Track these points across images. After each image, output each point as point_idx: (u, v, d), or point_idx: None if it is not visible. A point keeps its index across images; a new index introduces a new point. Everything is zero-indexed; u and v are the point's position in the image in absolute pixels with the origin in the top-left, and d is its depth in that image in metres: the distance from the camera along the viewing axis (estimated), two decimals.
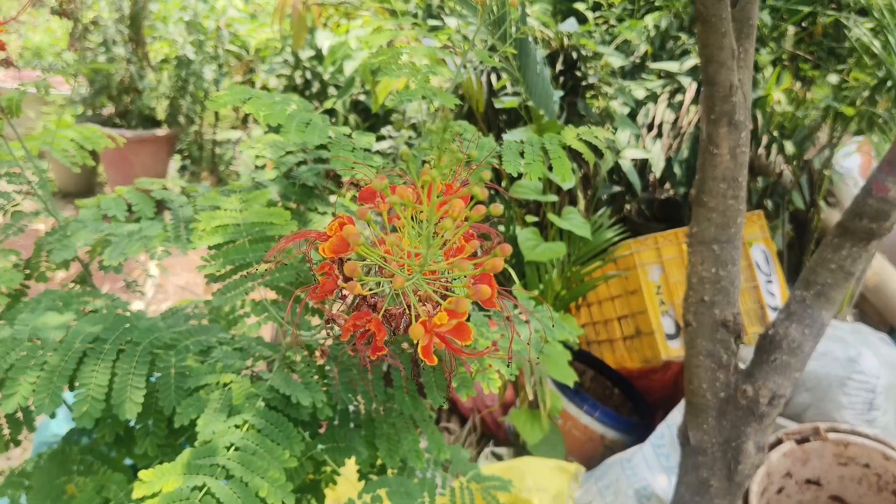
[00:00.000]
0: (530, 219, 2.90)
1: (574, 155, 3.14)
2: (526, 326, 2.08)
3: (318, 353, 1.34)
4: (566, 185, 2.74)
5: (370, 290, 0.64)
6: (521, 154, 1.60)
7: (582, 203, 3.12)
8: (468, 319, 0.63)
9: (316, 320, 1.83)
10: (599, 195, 3.20)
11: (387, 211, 0.65)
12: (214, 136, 5.59)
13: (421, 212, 0.57)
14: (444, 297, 0.65)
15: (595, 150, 3.41)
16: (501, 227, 3.09)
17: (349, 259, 0.67)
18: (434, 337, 0.62)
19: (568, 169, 1.60)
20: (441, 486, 1.33)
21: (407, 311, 0.67)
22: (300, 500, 1.20)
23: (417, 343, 0.61)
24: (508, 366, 1.15)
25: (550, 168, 1.56)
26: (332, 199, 2.37)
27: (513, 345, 1.26)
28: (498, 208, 0.54)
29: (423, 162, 1.24)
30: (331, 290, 0.70)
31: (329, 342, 1.43)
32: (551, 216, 2.73)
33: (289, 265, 1.60)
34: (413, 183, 0.61)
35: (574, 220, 2.83)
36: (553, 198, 2.82)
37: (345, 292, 0.72)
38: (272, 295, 1.74)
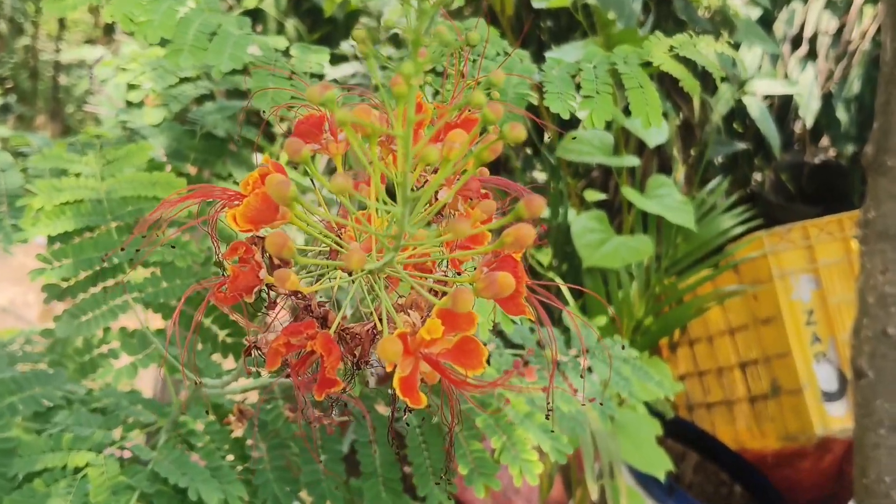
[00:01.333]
0: (593, 196, 2.89)
1: (667, 86, 3.13)
2: (585, 374, 2.10)
3: (233, 417, 1.35)
4: (654, 139, 2.73)
5: (316, 285, 0.64)
6: (577, 84, 1.59)
7: (680, 170, 3.12)
8: (496, 358, 0.63)
9: (231, 363, 1.85)
10: (710, 157, 3.20)
11: (341, 156, 0.65)
12: (58, 54, 5.60)
13: (393, 150, 0.57)
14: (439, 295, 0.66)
15: (703, 77, 3.40)
16: (544, 214, 3.11)
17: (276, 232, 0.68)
18: (421, 362, 0.64)
19: (656, 108, 1.57)
20: None
21: (378, 324, 0.69)
22: None
23: (394, 376, 0.63)
24: (552, 430, 1.15)
25: (627, 111, 1.56)
26: (260, 159, 2.38)
27: (559, 399, 1.27)
28: (517, 130, 0.56)
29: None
30: (248, 288, 0.71)
31: (252, 398, 1.44)
32: (628, 191, 2.75)
33: (184, 268, 1.61)
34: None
35: (667, 199, 2.83)
36: (632, 161, 2.83)
37: (275, 292, 0.73)
38: (157, 320, 1.75)
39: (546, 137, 3.14)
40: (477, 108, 0.56)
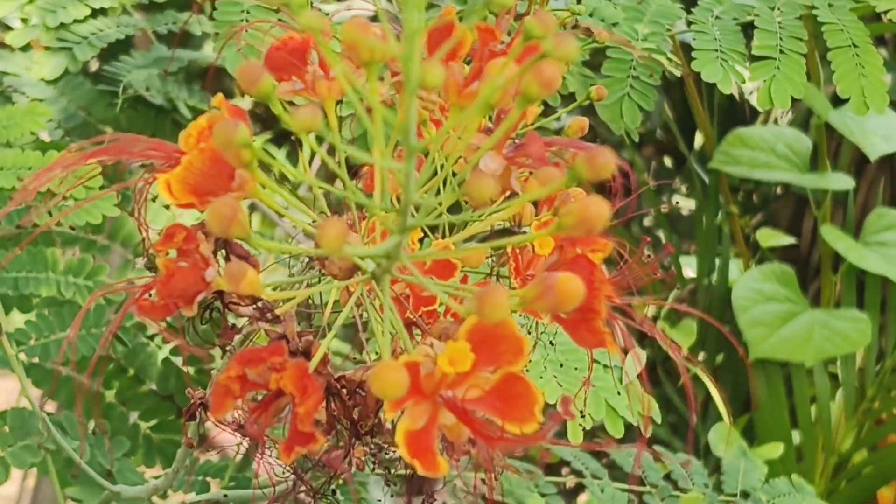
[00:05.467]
0: (772, 239, 2.91)
1: None
2: None
3: None
4: (879, 146, 2.73)
5: (289, 291, 0.73)
6: (748, 34, 1.65)
7: None
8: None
9: (158, 472, 1.94)
10: None
11: (334, 101, 0.74)
12: None
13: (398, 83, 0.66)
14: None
15: None
16: (689, 266, 3.14)
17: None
18: (440, 409, 0.71)
19: (878, 82, 1.63)
20: None
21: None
22: None
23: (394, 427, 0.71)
24: None
25: (836, 98, 1.60)
26: None
27: None
28: (565, 44, 0.63)
29: None
30: (188, 295, 0.79)
31: None
32: (832, 234, 2.80)
33: (90, 309, 1.72)
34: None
35: None
36: (841, 182, 2.86)
37: (232, 309, 0.82)
38: (32, 394, 1.86)
39: (697, 140, 3.22)
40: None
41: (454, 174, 0.80)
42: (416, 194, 0.71)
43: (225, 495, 1.49)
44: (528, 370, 0.83)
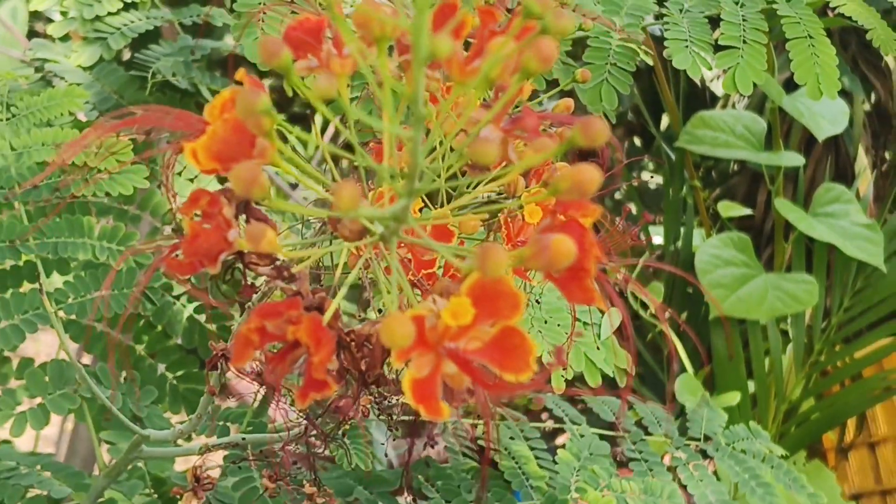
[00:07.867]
0: (731, 210, 2.93)
1: (852, 51, 3.12)
2: (702, 475, 2.15)
3: (188, 488, 1.44)
4: (826, 129, 2.76)
5: (304, 251, 0.73)
6: (714, 21, 1.67)
7: (866, 178, 3.12)
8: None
9: (183, 419, 1.95)
10: None
11: (347, 77, 0.74)
12: None
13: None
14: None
15: None
16: (657, 234, 3.15)
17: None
18: (444, 360, 0.71)
19: (830, 71, 1.66)
20: None
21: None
22: None
23: (399, 375, 0.71)
24: None
25: (788, 84, 1.61)
26: None
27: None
28: (563, 18, 0.64)
29: None
30: (212, 254, 0.79)
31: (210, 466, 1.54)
32: (784, 206, 2.82)
33: (122, 272, 1.73)
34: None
35: (844, 221, 2.84)
36: (793, 159, 2.89)
37: (252, 269, 0.82)
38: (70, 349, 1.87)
39: (663, 122, 3.21)
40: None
41: (451, 147, 0.80)
42: (423, 160, 0.71)
43: (243, 438, 1.50)
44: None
